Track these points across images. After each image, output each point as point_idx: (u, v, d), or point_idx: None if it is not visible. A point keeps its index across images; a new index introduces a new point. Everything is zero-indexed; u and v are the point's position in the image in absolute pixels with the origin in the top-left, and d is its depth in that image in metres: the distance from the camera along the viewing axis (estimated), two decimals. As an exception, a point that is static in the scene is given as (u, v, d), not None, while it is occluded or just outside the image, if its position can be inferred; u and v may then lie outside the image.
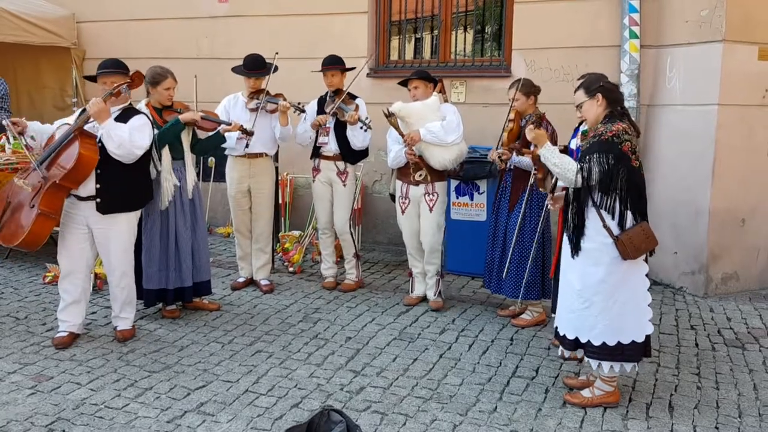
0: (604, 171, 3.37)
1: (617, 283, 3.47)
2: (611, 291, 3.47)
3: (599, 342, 3.52)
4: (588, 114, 3.61)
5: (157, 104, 4.71)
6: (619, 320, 3.49)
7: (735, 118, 5.45)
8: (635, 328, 3.52)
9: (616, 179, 3.37)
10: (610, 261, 3.45)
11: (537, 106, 4.81)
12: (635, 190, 3.42)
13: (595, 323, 3.51)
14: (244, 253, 5.61)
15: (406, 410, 3.60)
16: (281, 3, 7.10)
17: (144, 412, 3.53)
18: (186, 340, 4.49)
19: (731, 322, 5.02)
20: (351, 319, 4.93)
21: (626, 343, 3.51)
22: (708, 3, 5.37)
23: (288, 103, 5.21)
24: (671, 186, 5.72)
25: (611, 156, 3.37)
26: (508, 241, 4.77)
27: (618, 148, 3.38)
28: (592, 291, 3.50)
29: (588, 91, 3.57)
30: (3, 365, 4.05)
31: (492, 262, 4.93)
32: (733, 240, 5.61)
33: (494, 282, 4.92)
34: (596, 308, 3.50)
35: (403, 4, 6.91)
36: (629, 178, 3.39)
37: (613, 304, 3.48)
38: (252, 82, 5.29)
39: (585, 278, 3.52)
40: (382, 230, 6.89)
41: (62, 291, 4.37)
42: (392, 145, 5.13)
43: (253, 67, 5.26)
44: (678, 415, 3.60)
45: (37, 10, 7.58)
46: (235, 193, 5.43)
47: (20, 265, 6.14)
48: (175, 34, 7.60)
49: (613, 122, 3.47)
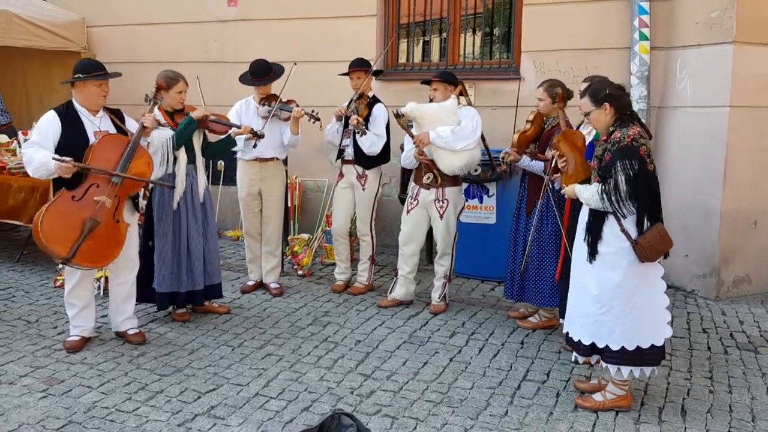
0: (632, 177, 3.34)
1: (635, 286, 3.45)
2: (629, 295, 3.45)
3: (618, 347, 3.49)
4: (597, 123, 3.59)
5: (169, 108, 4.73)
6: (638, 324, 3.46)
7: (746, 119, 5.41)
8: (654, 331, 3.49)
9: (640, 183, 3.36)
10: (627, 265, 3.43)
11: (564, 110, 4.59)
12: (652, 194, 3.42)
13: (613, 328, 3.49)
14: (254, 256, 5.62)
15: (417, 414, 3.59)
16: (290, 7, 7.12)
17: (155, 415, 3.54)
18: (196, 343, 4.50)
19: (743, 325, 4.98)
20: (361, 323, 4.92)
21: (645, 348, 3.48)
22: (719, 4, 5.34)
23: (302, 110, 5.20)
24: (682, 188, 5.68)
25: (634, 161, 3.35)
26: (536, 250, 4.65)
27: (637, 153, 3.37)
28: (609, 295, 3.48)
29: (595, 100, 3.54)
30: (15, 368, 4.06)
31: (514, 271, 4.80)
32: (744, 242, 5.58)
33: (516, 290, 4.79)
34: (614, 313, 3.47)
35: (412, 6, 6.91)
36: (646, 182, 3.38)
37: (632, 308, 3.46)
38: (261, 88, 5.30)
39: (602, 283, 3.49)
40: (391, 233, 6.88)
41: (73, 299, 4.31)
42: (407, 145, 5.11)
43: (259, 75, 5.25)
44: (691, 420, 3.58)
45: (47, 15, 7.63)
46: (246, 196, 5.44)
47: (31, 268, 6.17)
48: (184, 38, 7.63)
49: (628, 126, 3.45)
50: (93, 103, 4.22)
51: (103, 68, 4.28)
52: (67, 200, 4.04)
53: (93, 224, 4.03)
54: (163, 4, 7.74)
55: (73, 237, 3.99)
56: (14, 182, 6.03)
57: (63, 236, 3.97)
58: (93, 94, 4.21)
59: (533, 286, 4.68)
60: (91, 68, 4.22)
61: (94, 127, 4.21)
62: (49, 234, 3.93)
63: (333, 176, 6.04)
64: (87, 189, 4.07)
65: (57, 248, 3.95)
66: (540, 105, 4.59)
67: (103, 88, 4.23)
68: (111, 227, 4.14)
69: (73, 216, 4.02)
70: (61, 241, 3.96)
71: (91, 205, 4.05)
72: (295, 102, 5.33)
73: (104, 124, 4.27)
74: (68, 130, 4.11)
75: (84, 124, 4.18)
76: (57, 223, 3.97)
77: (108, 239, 4.13)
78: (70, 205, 4.04)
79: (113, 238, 4.16)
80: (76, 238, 3.99)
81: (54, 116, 4.13)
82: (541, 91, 4.57)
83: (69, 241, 3.98)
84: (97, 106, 4.26)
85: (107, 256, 4.17)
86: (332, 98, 5.87)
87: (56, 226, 3.96)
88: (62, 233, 3.97)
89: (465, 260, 5.91)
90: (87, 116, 4.21)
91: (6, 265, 6.26)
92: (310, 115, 5.21)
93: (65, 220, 4.00)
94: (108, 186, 4.11)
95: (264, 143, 5.15)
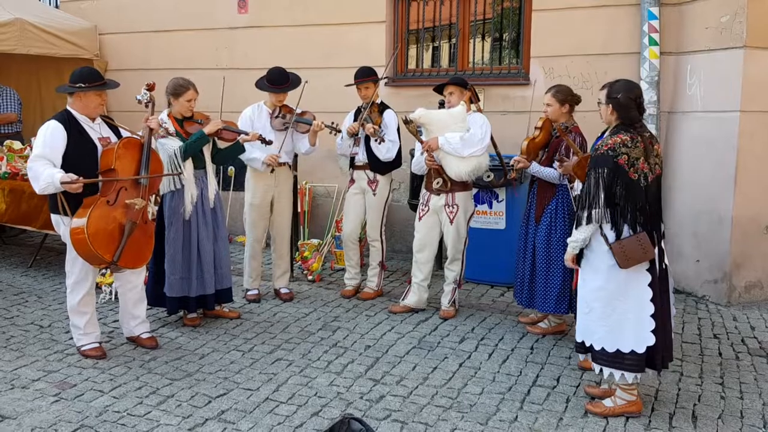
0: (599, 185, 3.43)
1: (616, 291, 3.51)
2: (609, 298, 3.52)
3: (599, 347, 3.57)
4: (603, 116, 3.70)
5: (179, 115, 4.77)
6: (618, 328, 3.52)
7: (757, 124, 5.39)
8: (634, 338, 3.51)
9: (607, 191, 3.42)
10: (607, 269, 3.50)
11: (572, 116, 4.61)
12: (633, 202, 3.45)
13: (595, 328, 3.58)
14: (258, 265, 5.60)
15: (426, 419, 3.59)
16: (300, 13, 7.16)
17: (166, 419, 3.56)
18: (207, 348, 4.52)
19: (755, 331, 4.95)
20: (370, 328, 4.93)
21: (626, 352, 3.52)
22: (728, 9, 5.33)
23: (322, 123, 5.22)
24: (693, 194, 5.66)
25: (604, 170, 3.44)
26: (536, 254, 4.66)
27: (613, 162, 3.43)
28: (592, 297, 3.58)
29: (608, 97, 3.62)
30: (27, 372, 4.10)
31: (523, 277, 4.80)
32: (756, 248, 5.54)
33: (525, 296, 4.79)
34: (595, 314, 3.57)
35: (421, 12, 6.94)
36: (627, 191, 3.43)
37: (612, 311, 3.52)
38: (276, 96, 5.32)
39: (586, 284, 3.61)
40: (400, 239, 6.89)
41: (83, 307, 4.28)
42: (418, 151, 5.13)
43: (278, 83, 5.25)
44: (702, 425, 3.56)
45: (60, 23, 7.72)
46: (260, 202, 5.42)
47: (44, 273, 6.22)
48: (195, 45, 7.69)
49: (616, 134, 3.51)
50: (92, 111, 4.24)
51: (101, 77, 4.33)
52: (104, 205, 4.09)
53: (132, 226, 4.13)
54: (174, 11, 7.80)
55: (116, 241, 4.08)
56: (27, 188, 6.08)
57: (107, 241, 4.04)
58: (93, 104, 4.21)
59: (541, 293, 4.68)
60: (91, 78, 4.21)
61: (96, 133, 4.23)
62: (95, 239, 3.98)
63: (342, 182, 6.06)
64: (118, 193, 4.14)
65: (103, 253, 4.01)
66: (548, 111, 4.59)
67: (102, 97, 4.26)
68: (144, 228, 4.27)
69: (111, 220, 4.09)
70: (106, 246, 4.03)
71: (124, 208, 4.13)
72: (310, 113, 5.35)
73: (104, 130, 4.31)
74: (74, 139, 4.10)
75: (87, 131, 4.20)
76: (101, 228, 4.02)
77: (143, 239, 4.26)
78: (107, 209, 4.09)
79: (147, 237, 4.31)
80: (118, 241, 4.08)
81: (58, 126, 4.10)
82: (549, 97, 4.58)
83: (113, 245, 4.06)
84: (96, 114, 4.28)
85: (144, 255, 4.31)
86: (341, 104, 5.90)
87: (101, 231, 4.02)
88: (106, 238, 4.04)
89: (474, 265, 5.90)
90: (87, 123, 4.22)
91: (19, 270, 6.32)
92: (330, 128, 5.24)
93: (106, 224, 4.06)
94: (136, 188, 4.20)
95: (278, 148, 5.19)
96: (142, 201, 4.18)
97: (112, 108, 7.73)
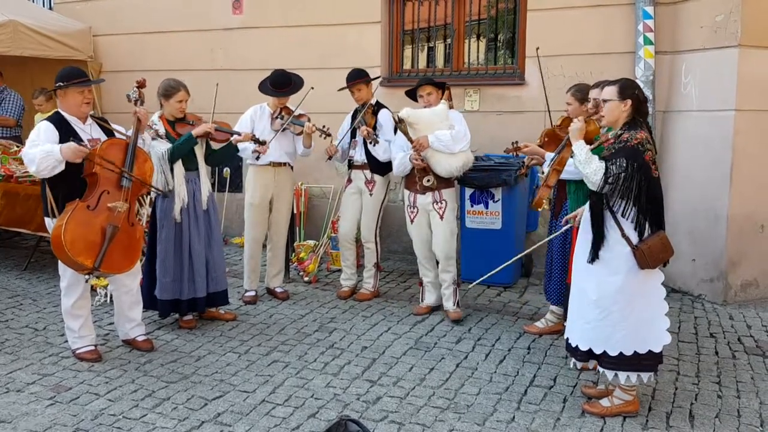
0: (629, 177, 3.35)
1: (635, 292, 3.45)
2: (629, 300, 3.45)
3: (616, 352, 3.48)
4: (609, 114, 3.53)
5: (170, 116, 4.75)
6: (637, 330, 3.46)
7: (752, 123, 5.40)
8: (652, 337, 3.49)
9: (638, 187, 3.35)
10: (627, 270, 3.43)
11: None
12: (654, 201, 3.41)
13: (612, 333, 3.48)
14: (256, 265, 5.60)
15: (423, 420, 3.58)
16: (294, 14, 7.14)
17: (162, 422, 3.54)
18: (203, 350, 4.51)
19: (751, 329, 4.96)
20: (367, 329, 4.92)
21: (643, 353, 3.48)
22: (723, 8, 5.33)
23: (313, 126, 5.25)
24: (688, 193, 5.67)
25: (636, 164, 3.35)
26: (553, 250, 4.69)
27: (642, 157, 3.37)
28: (610, 300, 3.47)
29: (622, 92, 3.48)
30: (22, 376, 4.08)
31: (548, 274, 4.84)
32: (752, 246, 5.55)
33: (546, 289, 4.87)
34: (614, 318, 3.47)
35: (416, 13, 6.93)
36: (649, 188, 3.37)
37: (630, 313, 3.45)
38: (279, 99, 5.33)
39: (602, 287, 3.49)
40: (396, 239, 6.88)
41: (77, 310, 4.26)
42: (396, 152, 5.13)
43: (280, 86, 5.30)
44: (699, 425, 3.56)
45: (54, 25, 7.68)
46: (260, 201, 5.42)
47: (39, 276, 6.20)
48: (190, 47, 7.66)
49: (636, 130, 3.44)
50: (77, 111, 4.19)
51: (84, 75, 4.26)
52: (83, 211, 4.02)
53: (114, 230, 4.04)
54: (168, 12, 7.78)
55: (97, 246, 4.00)
56: (22, 190, 6.07)
57: (87, 247, 3.97)
58: (76, 102, 4.16)
59: (556, 286, 4.70)
60: (72, 76, 4.16)
61: (86, 135, 4.20)
62: (73, 246, 3.91)
63: (338, 183, 6.05)
64: (99, 197, 4.07)
65: (83, 259, 3.95)
66: (569, 109, 4.63)
67: (85, 96, 4.20)
68: (129, 231, 4.18)
69: (92, 225, 4.01)
70: (86, 252, 3.96)
71: (106, 212, 4.07)
72: (307, 116, 5.38)
73: (95, 131, 4.27)
74: (65, 140, 4.05)
75: (78, 133, 4.16)
76: (79, 234, 3.95)
77: (128, 243, 4.17)
78: (87, 214, 4.02)
79: (133, 241, 4.22)
80: (99, 246, 4.00)
81: (50, 126, 4.08)
82: (569, 96, 4.62)
83: (93, 251, 3.98)
84: (83, 114, 4.23)
85: (130, 259, 4.22)
86: (337, 105, 5.89)
87: (79, 238, 3.95)
88: (86, 244, 3.96)
89: (470, 266, 5.90)
90: (77, 125, 4.19)
91: (14, 273, 6.29)
92: (321, 131, 5.26)
93: (86, 230, 3.99)
94: (118, 191, 4.12)
95: (277, 148, 5.23)
96: (125, 204, 4.11)
97: (106, 109, 7.74)
